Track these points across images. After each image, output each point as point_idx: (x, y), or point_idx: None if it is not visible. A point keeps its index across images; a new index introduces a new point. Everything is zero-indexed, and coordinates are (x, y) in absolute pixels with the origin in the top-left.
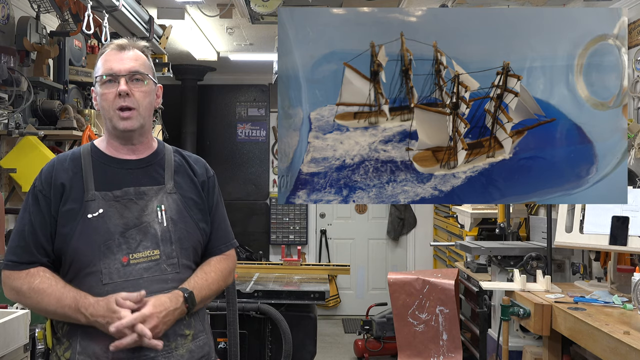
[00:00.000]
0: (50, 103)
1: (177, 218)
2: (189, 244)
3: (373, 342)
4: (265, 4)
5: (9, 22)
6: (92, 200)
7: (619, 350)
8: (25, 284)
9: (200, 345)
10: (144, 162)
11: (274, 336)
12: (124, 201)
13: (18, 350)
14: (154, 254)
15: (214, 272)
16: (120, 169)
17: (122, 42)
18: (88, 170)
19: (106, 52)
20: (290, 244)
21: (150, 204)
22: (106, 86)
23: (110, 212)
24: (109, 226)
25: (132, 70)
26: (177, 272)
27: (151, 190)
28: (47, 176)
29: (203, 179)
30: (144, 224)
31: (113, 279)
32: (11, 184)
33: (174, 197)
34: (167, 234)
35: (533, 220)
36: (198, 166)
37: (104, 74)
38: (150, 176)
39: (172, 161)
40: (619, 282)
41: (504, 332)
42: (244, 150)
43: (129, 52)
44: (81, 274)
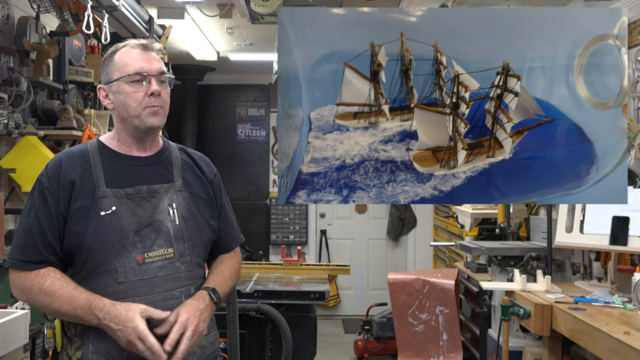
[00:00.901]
0: (50, 103)
1: (188, 216)
2: (200, 242)
3: (373, 342)
4: (265, 4)
5: (8, 22)
6: (103, 197)
7: (619, 351)
8: (36, 285)
9: (212, 342)
10: (153, 159)
11: (274, 336)
12: (136, 199)
13: (18, 350)
14: (168, 252)
15: (228, 270)
16: (129, 165)
17: (145, 42)
18: (97, 166)
19: (126, 50)
20: (290, 244)
21: (162, 202)
22: (134, 85)
23: (123, 210)
24: (123, 224)
25: (160, 71)
26: (189, 270)
27: (162, 188)
28: (55, 173)
29: (211, 178)
30: (157, 222)
31: (128, 277)
32: (11, 184)
33: (184, 195)
34: (180, 232)
35: (533, 220)
36: (204, 164)
37: (134, 72)
38: (159, 173)
39: (178, 159)
40: (619, 282)
41: (504, 332)
42: (244, 150)
43: (152, 52)
44: (95, 272)
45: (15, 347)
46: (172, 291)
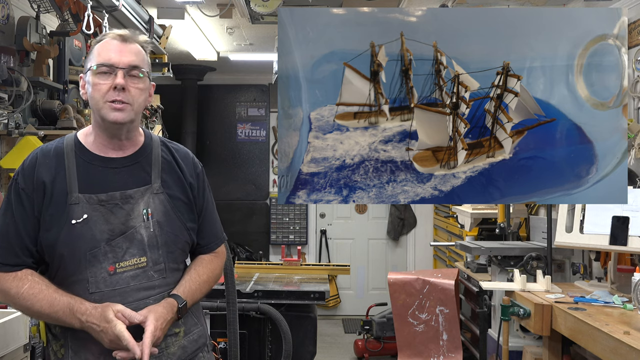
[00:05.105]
0: (50, 103)
1: (163, 221)
2: (176, 247)
3: (373, 342)
4: (265, 4)
5: (8, 22)
6: (75, 203)
7: (619, 351)
8: (14, 288)
9: (194, 339)
10: (130, 159)
11: (274, 336)
12: (109, 206)
13: (18, 350)
14: (141, 262)
15: (205, 274)
16: (104, 168)
17: (123, 32)
18: (72, 169)
19: (105, 41)
20: (290, 244)
21: (137, 208)
22: (101, 77)
23: (95, 217)
24: (95, 233)
25: (131, 65)
26: (163, 277)
27: (137, 193)
28: (30, 173)
29: (191, 179)
30: (130, 229)
31: (100, 287)
32: None
33: (161, 198)
34: (154, 239)
35: (533, 220)
36: (186, 163)
37: (100, 63)
38: (136, 176)
39: (159, 157)
40: (619, 282)
41: (504, 332)
42: (244, 150)
43: (130, 44)
44: (68, 282)
45: (15, 347)
46: (145, 299)
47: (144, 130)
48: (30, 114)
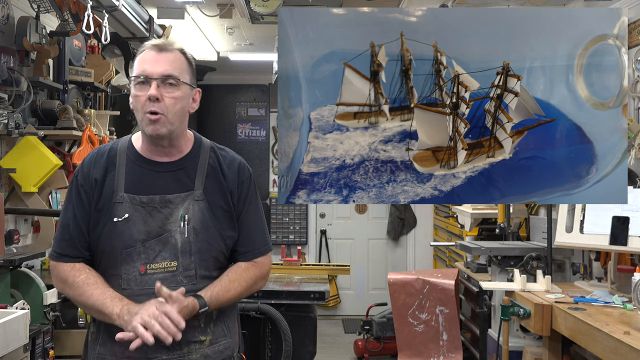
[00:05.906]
0: (50, 103)
1: (200, 228)
2: (209, 255)
3: (373, 342)
4: (265, 4)
5: (8, 22)
6: (119, 202)
7: (619, 351)
8: (70, 277)
9: (220, 350)
10: (176, 165)
11: (274, 336)
12: (149, 208)
13: (18, 350)
14: (171, 266)
15: (237, 281)
16: (150, 171)
17: (159, 42)
18: (121, 169)
19: (143, 52)
20: (290, 244)
21: (175, 212)
22: (139, 88)
23: (135, 217)
24: (133, 232)
25: (165, 74)
26: (193, 283)
27: (177, 198)
28: (87, 170)
29: (232, 187)
30: (165, 233)
31: (130, 285)
32: (11, 184)
33: (201, 205)
34: (188, 245)
35: (533, 220)
36: (230, 171)
37: (137, 74)
38: (179, 181)
39: (205, 164)
40: (619, 282)
41: (504, 332)
42: (244, 150)
43: (166, 53)
44: (107, 274)
45: (15, 347)
46: None
47: (196, 135)
48: (30, 114)
